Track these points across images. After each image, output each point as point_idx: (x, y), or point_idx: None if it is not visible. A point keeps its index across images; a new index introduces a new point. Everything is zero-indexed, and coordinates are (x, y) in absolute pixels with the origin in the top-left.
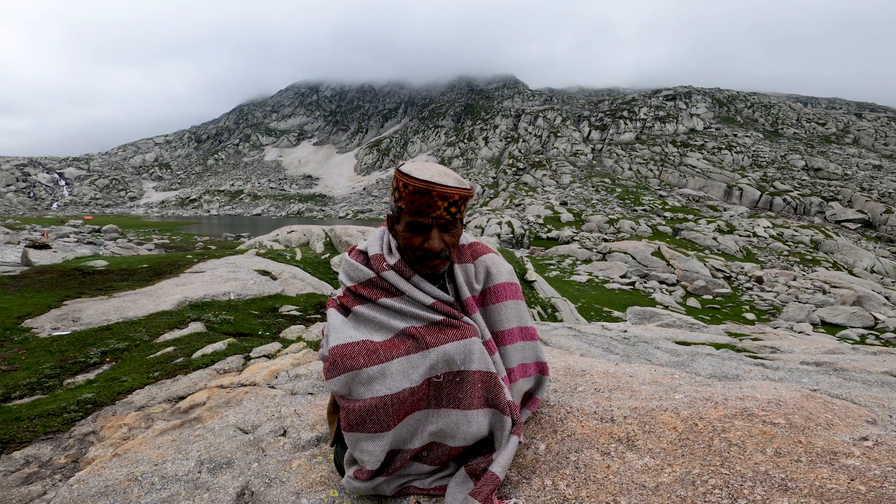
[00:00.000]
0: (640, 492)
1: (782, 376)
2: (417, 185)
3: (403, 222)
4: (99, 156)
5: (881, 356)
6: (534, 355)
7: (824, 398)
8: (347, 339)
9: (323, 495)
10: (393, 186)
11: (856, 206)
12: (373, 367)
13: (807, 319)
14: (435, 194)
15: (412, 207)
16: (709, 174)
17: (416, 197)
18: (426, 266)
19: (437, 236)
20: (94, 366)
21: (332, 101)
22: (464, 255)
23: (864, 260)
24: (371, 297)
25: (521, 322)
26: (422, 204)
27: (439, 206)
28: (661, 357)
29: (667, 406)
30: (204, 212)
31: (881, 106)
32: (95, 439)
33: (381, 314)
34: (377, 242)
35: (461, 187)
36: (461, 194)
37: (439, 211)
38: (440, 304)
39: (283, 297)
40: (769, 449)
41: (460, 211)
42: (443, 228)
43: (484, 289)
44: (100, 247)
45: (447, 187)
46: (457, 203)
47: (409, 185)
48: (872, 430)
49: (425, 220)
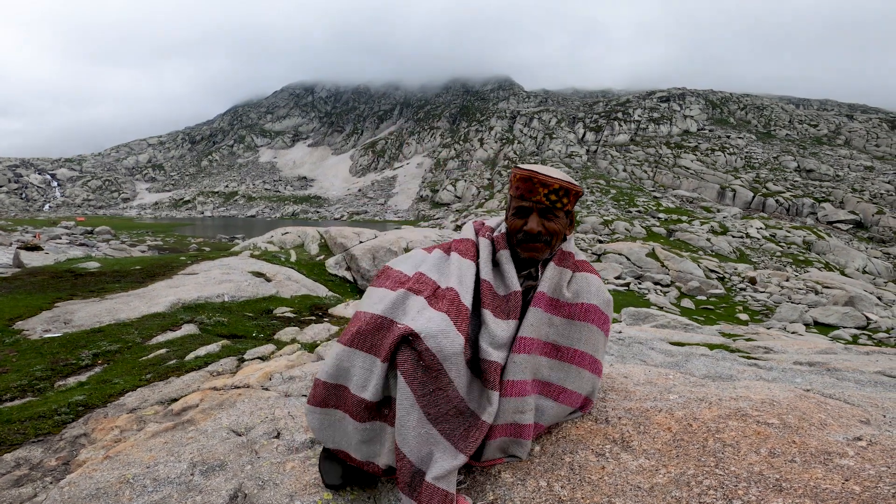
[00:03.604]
0: (635, 493)
1: (776, 376)
2: (522, 173)
3: (511, 207)
4: (92, 157)
5: (873, 356)
6: (590, 387)
7: (818, 398)
8: (416, 269)
9: (317, 497)
10: (509, 180)
11: (847, 207)
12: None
13: (799, 320)
14: (536, 181)
15: (517, 193)
16: (702, 175)
17: (521, 183)
18: (526, 248)
19: (536, 219)
20: (86, 368)
21: (328, 103)
22: (566, 261)
23: (855, 260)
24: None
25: (595, 352)
26: (525, 189)
27: (539, 191)
28: (656, 358)
29: (661, 407)
30: (198, 213)
31: (872, 107)
32: (87, 441)
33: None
34: (497, 223)
35: (563, 179)
36: (562, 185)
37: (539, 196)
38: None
39: (277, 298)
40: (763, 449)
41: (561, 201)
42: (542, 214)
43: (574, 302)
44: (92, 248)
45: (548, 176)
46: (556, 192)
47: (517, 173)
48: (866, 429)
49: (527, 203)
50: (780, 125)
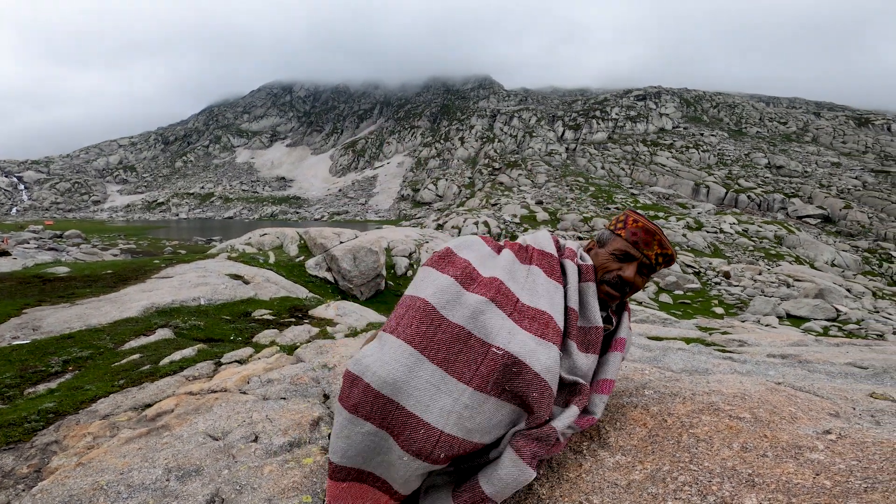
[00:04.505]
0: (612, 490)
1: (750, 369)
2: (648, 226)
3: (612, 247)
4: (60, 158)
5: (843, 347)
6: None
7: (788, 391)
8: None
9: (295, 501)
10: (618, 218)
11: (816, 202)
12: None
13: (773, 312)
14: (658, 238)
15: (633, 238)
16: (678, 172)
17: (642, 233)
18: (610, 292)
19: (633, 270)
20: (56, 375)
21: (306, 102)
22: (626, 307)
23: (824, 254)
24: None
25: (616, 375)
26: (643, 241)
27: (655, 250)
28: (634, 352)
29: (637, 402)
30: (172, 215)
31: (839, 105)
32: (58, 449)
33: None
34: (577, 247)
35: (673, 250)
36: (672, 253)
37: (651, 252)
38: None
39: (255, 301)
40: (735, 444)
41: (660, 266)
42: (639, 269)
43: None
44: (62, 253)
45: (668, 240)
46: (665, 256)
47: (640, 221)
48: (835, 422)
49: (636, 252)
50: (750, 123)
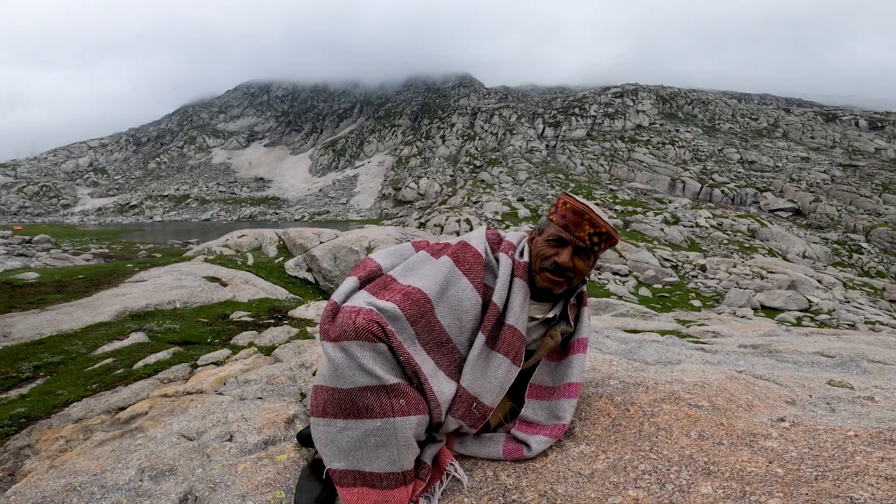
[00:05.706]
0: (577, 479)
1: (720, 359)
2: (576, 206)
3: (547, 233)
4: (27, 161)
5: (812, 337)
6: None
7: (747, 379)
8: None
9: (269, 496)
10: (552, 204)
11: (787, 195)
12: None
13: (748, 304)
14: (587, 218)
15: (562, 222)
16: (654, 168)
17: (570, 214)
18: (548, 280)
19: (569, 254)
20: (27, 380)
21: (284, 102)
22: (584, 300)
23: (796, 246)
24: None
25: (581, 378)
26: (572, 222)
27: (586, 229)
28: (611, 346)
29: (602, 393)
30: (146, 218)
31: (807, 101)
32: (31, 452)
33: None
34: (518, 239)
35: (610, 226)
36: (608, 230)
37: (583, 233)
38: None
39: (233, 303)
40: (693, 432)
41: (599, 245)
42: (577, 251)
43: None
44: (31, 258)
45: (599, 217)
46: (600, 235)
47: (568, 202)
48: (790, 410)
49: (568, 236)
50: (723, 119)
